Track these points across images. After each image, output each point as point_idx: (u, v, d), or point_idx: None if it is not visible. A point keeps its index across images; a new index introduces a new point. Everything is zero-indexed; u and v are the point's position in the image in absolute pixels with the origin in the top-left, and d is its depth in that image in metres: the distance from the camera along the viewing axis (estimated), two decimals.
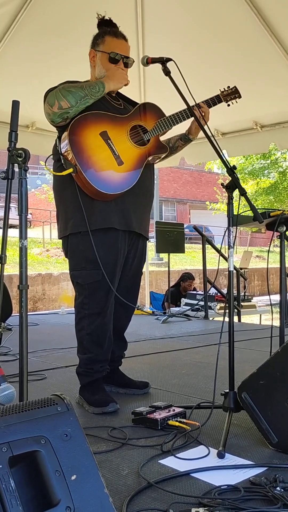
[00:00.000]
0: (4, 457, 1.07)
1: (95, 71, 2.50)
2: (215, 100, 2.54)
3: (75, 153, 2.26)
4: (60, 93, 2.26)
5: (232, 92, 2.55)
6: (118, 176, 2.35)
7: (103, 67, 2.45)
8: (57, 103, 2.25)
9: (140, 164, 2.42)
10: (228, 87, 2.55)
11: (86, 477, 1.13)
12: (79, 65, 2.72)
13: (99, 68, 2.47)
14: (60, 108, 2.26)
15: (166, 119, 2.47)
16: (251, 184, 18.48)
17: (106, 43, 2.46)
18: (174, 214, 30.54)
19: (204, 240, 6.20)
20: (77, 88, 2.28)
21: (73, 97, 2.25)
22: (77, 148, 2.28)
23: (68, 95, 2.25)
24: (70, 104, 2.26)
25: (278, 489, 1.45)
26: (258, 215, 1.95)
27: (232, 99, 2.56)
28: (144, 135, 2.45)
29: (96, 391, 2.40)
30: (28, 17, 3.98)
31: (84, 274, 2.38)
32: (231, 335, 1.99)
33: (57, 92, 2.27)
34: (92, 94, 2.30)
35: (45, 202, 22.21)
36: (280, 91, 4.81)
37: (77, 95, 2.26)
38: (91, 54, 2.49)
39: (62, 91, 2.26)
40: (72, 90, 2.27)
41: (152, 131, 2.46)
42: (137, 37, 4.48)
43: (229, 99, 2.56)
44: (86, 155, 2.28)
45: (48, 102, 2.27)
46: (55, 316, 6.44)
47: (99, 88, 2.33)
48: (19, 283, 1.85)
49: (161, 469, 1.70)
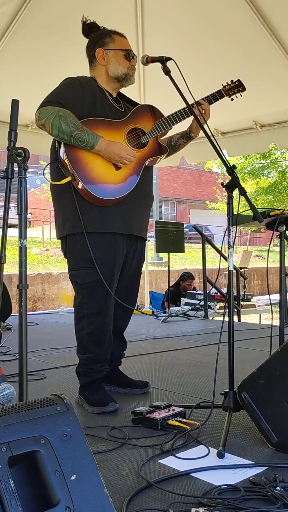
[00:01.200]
0: (4, 457, 1.07)
1: (106, 68, 2.47)
2: (216, 96, 2.50)
3: (72, 161, 2.26)
4: (53, 117, 2.22)
5: (236, 85, 2.50)
6: (117, 181, 2.34)
7: (119, 64, 2.46)
8: (43, 121, 2.24)
9: (138, 167, 2.41)
10: (231, 81, 2.51)
11: (86, 477, 1.13)
12: (79, 63, 2.71)
13: (114, 66, 2.46)
14: (42, 126, 2.27)
15: (165, 119, 2.46)
16: (251, 183, 18.50)
17: (116, 41, 2.48)
18: (174, 214, 30.54)
19: (204, 239, 6.21)
20: (71, 126, 2.22)
21: (58, 130, 2.22)
22: (74, 156, 2.27)
23: (57, 126, 2.21)
24: (52, 132, 2.24)
25: (278, 488, 1.45)
26: (258, 214, 1.95)
27: (236, 93, 2.51)
28: (142, 137, 2.44)
29: (95, 391, 2.40)
30: (27, 16, 3.98)
31: (82, 273, 2.38)
32: (231, 334, 1.99)
33: (53, 114, 2.22)
34: (76, 142, 2.23)
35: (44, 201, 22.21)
36: (280, 90, 4.81)
37: (65, 131, 2.21)
38: (100, 53, 2.47)
39: (56, 119, 2.21)
40: (63, 126, 2.21)
41: (150, 133, 2.45)
42: (137, 36, 4.48)
43: (232, 93, 2.51)
44: (83, 163, 2.28)
45: (41, 112, 2.26)
46: (54, 315, 6.44)
47: (88, 143, 2.25)
48: (19, 282, 1.85)
49: (161, 469, 1.70)
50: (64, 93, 2.34)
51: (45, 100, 2.31)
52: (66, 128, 2.21)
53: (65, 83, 2.40)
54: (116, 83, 2.51)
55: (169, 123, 2.46)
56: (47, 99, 2.31)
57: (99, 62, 2.49)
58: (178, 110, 2.44)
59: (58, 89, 2.37)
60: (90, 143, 2.25)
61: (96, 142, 2.26)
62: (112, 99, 2.49)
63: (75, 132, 2.22)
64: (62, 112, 2.24)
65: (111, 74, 2.47)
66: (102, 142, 2.27)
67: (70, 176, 2.27)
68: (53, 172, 2.40)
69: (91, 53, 2.52)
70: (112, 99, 2.49)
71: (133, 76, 2.51)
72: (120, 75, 2.47)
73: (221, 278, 11.73)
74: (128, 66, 2.47)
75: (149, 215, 2.62)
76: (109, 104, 2.45)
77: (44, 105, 2.28)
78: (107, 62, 2.47)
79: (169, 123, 2.46)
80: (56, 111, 2.24)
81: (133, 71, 2.50)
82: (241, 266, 7.65)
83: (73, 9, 3.88)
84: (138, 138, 2.44)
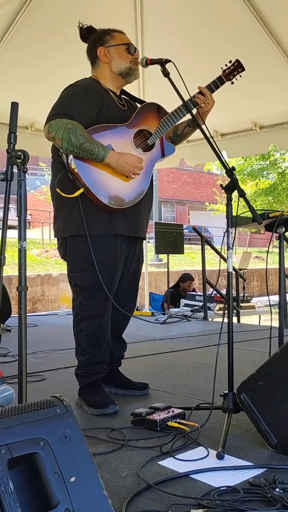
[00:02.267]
0: (3, 459, 1.07)
1: (109, 66, 2.47)
2: (217, 82, 2.48)
3: (82, 173, 2.25)
4: (62, 130, 2.20)
5: (235, 67, 2.49)
6: (129, 188, 2.35)
7: (122, 59, 2.46)
8: (53, 134, 2.22)
9: (148, 170, 2.43)
10: (230, 61, 2.50)
11: (85, 479, 1.13)
12: (79, 66, 2.72)
13: (117, 61, 2.46)
14: (52, 139, 2.25)
15: (169, 116, 2.46)
16: (250, 185, 18.51)
17: (116, 38, 2.49)
18: (173, 215, 30.54)
19: (203, 241, 6.21)
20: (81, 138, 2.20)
21: (68, 143, 2.20)
22: (84, 167, 2.26)
23: (66, 139, 2.19)
24: (62, 145, 2.22)
25: (277, 490, 1.45)
26: (257, 216, 1.95)
27: (236, 75, 2.50)
28: (149, 139, 2.44)
29: (95, 392, 2.40)
30: (27, 18, 3.98)
31: (83, 276, 2.37)
32: (230, 336, 1.99)
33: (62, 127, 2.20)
34: (86, 154, 2.22)
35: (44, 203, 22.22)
36: (279, 91, 4.82)
37: (74, 144, 2.20)
38: (102, 51, 2.47)
39: (65, 132, 2.19)
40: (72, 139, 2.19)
41: (156, 134, 2.45)
42: (137, 36, 4.49)
43: (232, 76, 2.50)
44: (94, 174, 2.27)
45: (50, 126, 2.23)
46: (54, 317, 6.44)
47: (98, 155, 2.24)
48: (18, 284, 1.85)
49: (160, 470, 1.70)
50: (69, 103, 2.31)
51: (52, 112, 2.28)
52: (75, 140, 2.20)
53: (69, 92, 2.37)
54: (121, 80, 2.51)
55: (173, 120, 2.46)
56: (54, 111, 2.28)
57: (102, 61, 2.48)
58: (181, 105, 2.42)
59: (63, 100, 2.34)
60: (100, 155, 2.24)
61: (106, 155, 2.25)
62: (116, 98, 2.49)
63: (84, 145, 2.21)
64: (71, 125, 2.22)
65: (115, 71, 2.47)
66: (112, 155, 2.26)
67: (82, 187, 2.26)
68: (62, 183, 2.35)
69: (93, 53, 2.51)
70: (116, 98, 2.49)
71: (137, 70, 2.51)
72: (124, 69, 2.47)
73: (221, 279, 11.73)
74: (131, 60, 2.47)
75: (149, 215, 2.63)
76: (114, 104, 2.44)
77: (52, 118, 2.25)
78: (110, 59, 2.47)
79: (173, 119, 2.46)
80: (64, 124, 2.22)
81: (136, 65, 2.50)
82: (240, 267, 7.66)
83: (73, 11, 3.89)
84: (145, 140, 2.44)
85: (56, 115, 2.26)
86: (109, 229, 2.35)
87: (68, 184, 2.32)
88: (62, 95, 2.38)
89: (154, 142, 2.45)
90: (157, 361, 3.51)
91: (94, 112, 2.33)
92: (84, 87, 2.38)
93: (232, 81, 2.51)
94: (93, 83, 2.45)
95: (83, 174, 2.25)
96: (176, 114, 2.45)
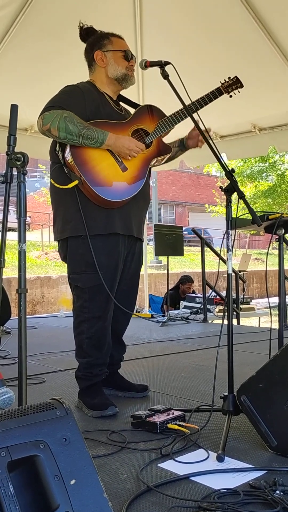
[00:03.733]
0: (3, 461, 1.07)
1: (105, 70, 2.48)
2: (216, 93, 2.49)
3: (78, 164, 2.25)
4: (58, 119, 2.20)
5: (234, 82, 2.50)
6: (124, 182, 2.35)
7: (118, 64, 2.47)
8: (49, 125, 2.22)
9: (144, 168, 2.44)
10: (228, 77, 2.51)
11: (85, 482, 1.13)
12: (79, 68, 2.72)
13: (113, 67, 2.47)
14: (48, 131, 2.24)
15: (167, 119, 2.47)
16: (250, 186, 18.53)
17: (114, 43, 2.49)
18: (173, 217, 30.56)
19: (203, 242, 6.21)
20: (78, 125, 2.21)
21: (66, 132, 2.20)
22: (80, 159, 2.27)
23: (63, 128, 2.19)
24: (59, 135, 2.21)
25: (277, 492, 1.45)
26: (257, 218, 1.95)
27: (234, 90, 2.51)
28: (146, 138, 2.45)
29: (95, 394, 2.39)
30: (27, 19, 3.99)
31: (84, 277, 2.37)
32: (230, 337, 1.99)
33: (58, 117, 2.21)
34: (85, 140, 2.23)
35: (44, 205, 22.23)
36: (278, 94, 4.83)
37: (72, 132, 2.20)
38: (98, 55, 2.48)
39: (62, 121, 2.20)
40: (70, 127, 2.19)
41: (154, 133, 2.46)
42: (136, 40, 4.49)
43: (230, 90, 2.51)
44: (89, 165, 2.28)
45: (44, 118, 2.24)
46: (54, 319, 6.44)
47: (98, 139, 2.25)
48: (18, 287, 1.85)
49: (160, 472, 1.70)
50: (65, 98, 2.33)
51: (46, 105, 2.29)
52: (73, 128, 2.21)
53: (66, 89, 2.39)
54: (117, 85, 2.51)
55: (171, 123, 2.47)
56: (48, 104, 2.30)
57: (98, 65, 2.49)
58: (180, 109, 2.43)
59: (59, 95, 2.36)
60: (99, 139, 2.25)
61: (105, 138, 2.26)
62: (112, 102, 2.50)
63: (83, 131, 2.22)
64: (66, 114, 2.23)
65: (110, 76, 2.48)
66: (111, 137, 2.28)
67: (77, 179, 2.26)
68: (57, 175, 2.37)
69: (89, 56, 2.52)
70: (112, 102, 2.50)
71: (132, 76, 2.52)
72: (120, 75, 2.48)
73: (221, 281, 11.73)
74: (126, 66, 2.48)
75: (146, 216, 2.64)
76: (109, 107, 2.45)
77: (46, 110, 2.27)
78: (106, 64, 2.48)
79: (171, 122, 2.47)
80: (60, 114, 2.23)
81: (131, 72, 2.51)
82: (240, 269, 7.66)
83: (72, 14, 3.90)
84: (142, 139, 2.44)
85: (50, 107, 2.28)
86: (108, 228, 2.35)
87: (63, 177, 2.33)
88: (58, 93, 2.39)
89: (151, 141, 2.46)
90: (157, 363, 3.51)
91: (88, 112, 2.34)
92: (81, 88, 2.40)
93: (230, 94, 2.52)
94: (89, 87, 2.46)
95: (78, 166, 2.25)
96: (175, 118, 2.46)
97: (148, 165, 2.45)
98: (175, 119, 2.46)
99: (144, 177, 2.43)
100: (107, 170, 2.31)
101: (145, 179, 2.44)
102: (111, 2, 4.16)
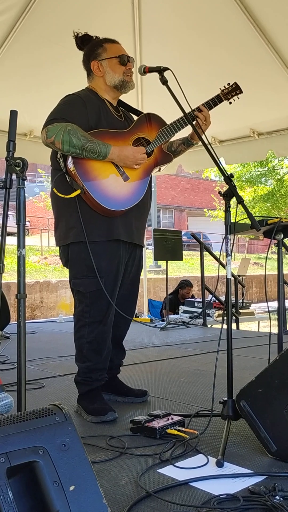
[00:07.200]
0: (2, 467, 1.07)
1: (103, 79, 2.48)
2: (216, 100, 2.50)
3: (80, 175, 2.26)
4: (62, 132, 2.20)
5: (233, 88, 2.51)
6: (126, 192, 2.36)
7: (115, 72, 2.46)
8: (53, 138, 2.22)
9: (146, 176, 2.44)
10: (228, 84, 2.52)
11: (85, 488, 1.13)
12: (78, 74, 2.73)
13: (110, 75, 2.46)
14: (52, 144, 2.25)
15: (168, 127, 2.48)
16: (249, 191, 18.54)
17: (108, 50, 2.48)
18: (172, 221, 30.59)
19: (202, 247, 6.21)
20: (82, 139, 2.21)
21: (69, 145, 2.21)
22: (82, 169, 2.28)
23: (67, 141, 2.20)
24: (63, 148, 2.22)
25: (277, 498, 1.45)
26: (256, 223, 1.96)
27: (234, 96, 2.52)
28: (147, 146, 2.45)
29: (94, 399, 2.39)
30: (26, 26, 4.00)
31: (86, 282, 2.37)
32: (229, 342, 1.99)
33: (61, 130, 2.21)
34: (88, 154, 2.24)
35: (43, 209, 22.26)
36: (276, 98, 4.84)
37: (76, 145, 2.21)
38: (95, 66, 2.48)
39: (66, 134, 2.20)
40: (74, 141, 2.20)
41: (155, 142, 2.46)
42: (135, 45, 4.51)
43: (230, 96, 2.52)
44: (92, 175, 2.29)
45: (48, 130, 2.24)
46: (53, 324, 6.42)
47: (101, 153, 2.26)
48: (17, 292, 1.85)
49: (160, 478, 1.69)
50: (67, 109, 2.33)
51: (49, 118, 2.29)
52: (77, 141, 2.21)
53: (67, 100, 2.39)
54: (116, 92, 2.52)
55: (172, 131, 2.48)
56: (51, 116, 2.29)
57: (96, 74, 2.50)
58: (181, 117, 2.44)
59: (61, 106, 2.36)
60: (102, 153, 2.26)
61: (108, 151, 2.27)
62: (113, 108, 2.50)
63: (86, 144, 2.22)
64: (70, 127, 2.23)
65: (109, 84, 2.48)
66: (114, 150, 2.29)
67: (79, 189, 2.27)
68: (60, 184, 2.37)
69: (87, 66, 2.53)
70: (113, 109, 2.50)
71: (130, 81, 2.50)
72: (118, 82, 2.48)
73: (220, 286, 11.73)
74: (123, 72, 2.47)
75: (146, 222, 2.64)
76: (111, 115, 2.46)
77: (50, 123, 2.26)
78: (103, 73, 2.48)
79: (172, 130, 2.48)
80: (63, 126, 2.23)
81: (129, 76, 2.49)
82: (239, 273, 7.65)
83: (72, 20, 3.92)
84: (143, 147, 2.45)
85: (53, 120, 2.27)
86: (110, 235, 2.36)
87: (65, 186, 2.34)
88: (59, 103, 2.39)
89: (152, 149, 2.46)
90: (156, 368, 3.51)
91: (90, 121, 2.35)
92: (81, 96, 2.40)
93: (230, 101, 2.53)
94: (90, 95, 2.46)
95: (80, 176, 2.26)
96: (175, 126, 2.47)
97: (150, 174, 2.46)
98: (176, 127, 2.47)
99: (145, 186, 2.45)
100: (109, 180, 2.32)
101: (146, 188, 2.45)
102: (110, 8, 4.18)
